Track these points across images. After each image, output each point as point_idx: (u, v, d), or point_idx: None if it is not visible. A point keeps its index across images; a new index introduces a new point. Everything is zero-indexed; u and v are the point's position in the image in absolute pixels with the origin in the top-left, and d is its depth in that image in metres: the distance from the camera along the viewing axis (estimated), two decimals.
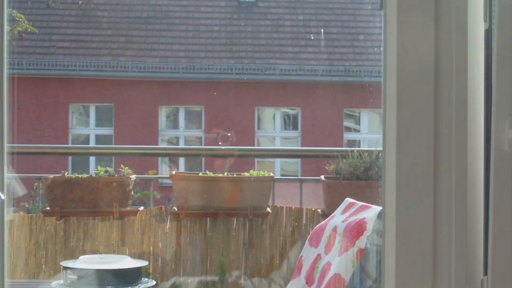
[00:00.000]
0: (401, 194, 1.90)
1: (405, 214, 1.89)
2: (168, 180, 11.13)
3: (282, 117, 14.10)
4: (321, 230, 3.74)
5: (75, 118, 14.05)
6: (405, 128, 1.89)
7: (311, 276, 3.64)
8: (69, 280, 4.02)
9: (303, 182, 5.99)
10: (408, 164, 1.89)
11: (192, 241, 5.41)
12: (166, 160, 12.69)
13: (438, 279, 1.89)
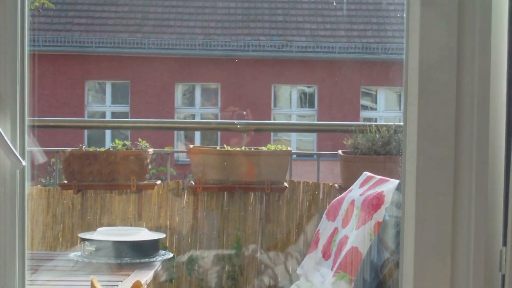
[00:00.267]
0: (421, 165, 1.89)
1: (425, 186, 1.88)
2: (184, 158, 11.15)
3: (298, 95, 14.08)
4: (339, 203, 3.73)
5: (91, 96, 14.08)
6: (426, 100, 1.88)
7: (328, 250, 3.64)
8: (86, 252, 4.04)
9: (320, 159, 5.98)
10: (429, 135, 1.88)
11: (208, 215, 5.41)
12: (182, 138, 12.71)
13: (457, 251, 1.88)
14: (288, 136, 12.46)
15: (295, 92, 13.95)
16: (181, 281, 5.26)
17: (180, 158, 11.86)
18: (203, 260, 5.33)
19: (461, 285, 1.89)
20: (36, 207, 5.31)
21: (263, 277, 5.24)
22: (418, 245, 1.89)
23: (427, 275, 1.89)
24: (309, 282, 3.72)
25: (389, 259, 2.65)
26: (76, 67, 13.54)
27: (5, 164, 1.94)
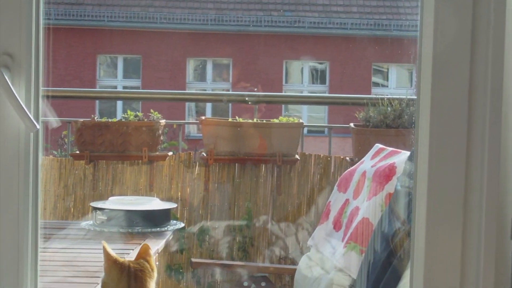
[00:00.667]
0: (434, 136, 1.89)
1: (437, 156, 1.88)
2: (195, 133, 11.17)
3: (310, 71, 14.05)
4: (350, 175, 3.73)
5: (102, 70, 14.08)
6: (440, 73, 1.87)
7: (339, 221, 3.65)
8: (98, 221, 4.05)
9: (332, 135, 5.97)
10: (442, 107, 1.88)
11: (220, 187, 5.42)
12: (193, 113, 12.72)
13: (468, 219, 1.88)
14: (299, 112, 12.45)
15: (306, 68, 13.93)
16: (192, 252, 5.28)
17: (191, 133, 11.87)
18: (214, 231, 5.35)
19: (473, 253, 1.89)
20: (48, 177, 5.33)
21: (274, 248, 5.26)
22: (430, 214, 1.90)
23: (439, 243, 1.89)
24: (319, 253, 3.73)
25: (400, 229, 2.65)
26: (88, 41, 13.54)
27: (19, 127, 1.94)
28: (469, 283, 1.90)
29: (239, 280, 3.97)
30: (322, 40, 13.46)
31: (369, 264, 2.85)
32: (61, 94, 5.84)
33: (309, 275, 3.65)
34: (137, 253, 1.89)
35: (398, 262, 2.62)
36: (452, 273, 1.90)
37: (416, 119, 1.96)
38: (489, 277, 1.88)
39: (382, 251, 2.74)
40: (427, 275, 1.91)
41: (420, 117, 1.92)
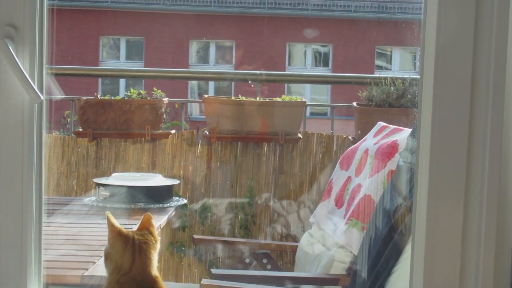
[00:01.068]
0: (436, 112, 1.89)
1: (440, 132, 1.89)
2: (198, 115, 11.16)
3: (313, 54, 14.02)
4: (353, 153, 3.74)
5: (105, 52, 14.07)
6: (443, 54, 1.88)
7: (341, 199, 3.66)
8: (101, 197, 4.06)
9: (334, 118, 5.96)
10: (445, 84, 1.88)
11: (222, 165, 5.43)
12: (196, 95, 12.72)
13: (470, 193, 1.89)
14: (302, 95, 12.43)
15: (310, 51, 13.90)
16: (194, 230, 5.30)
17: (194, 114, 11.86)
18: (216, 209, 5.36)
19: (474, 225, 1.90)
20: (51, 155, 5.34)
21: (276, 225, 5.28)
22: (432, 190, 1.90)
23: (440, 218, 1.90)
24: (321, 230, 3.74)
25: (401, 204, 2.66)
26: (91, 23, 13.51)
27: (23, 98, 1.95)
28: (470, 257, 1.91)
29: (240, 256, 3.98)
30: (325, 23, 13.43)
31: (370, 239, 2.86)
32: (64, 72, 5.84)
33: (310, 252, 3.67)
34: (140, 223, 1.89)
35: (399, 237, 2.63)
36: (453, 248, 1.91)
37: (419, 97, 1.97)
38: (489, 251, 1.89)
39: (384, 227, 2.75)
40: (428, 250, 1.92)
41: (423, 94, 1.93)
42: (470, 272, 1.91)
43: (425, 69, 1.92)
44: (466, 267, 1.92)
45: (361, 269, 2.92)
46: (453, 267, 1.91)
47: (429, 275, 1.92)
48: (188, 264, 5.29)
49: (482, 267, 1.89)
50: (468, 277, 1.92)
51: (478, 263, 1.90)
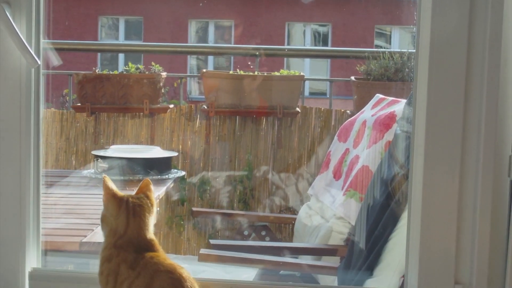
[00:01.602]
0: (432, 77, 1.89)
1: (436, 97, 1.89)
2: (197, 94, 11.14)
3: (312, 33, 13.98)
4: (351, 125, 3.74)
5: (104, 32, 14.02)
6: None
7: (339, 170, 3.66)
8: (100, 169, 4.07)
9: (333, 97, 5.96)
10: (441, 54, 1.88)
11: (221, 140, 5.43)
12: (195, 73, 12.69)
13: (466, 157, 1.90)
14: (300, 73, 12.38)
15: (308, 31, 13.86)
16: (193, 204, 5.30)
17: (193, 94, 11.85)
18: (214, 183, 5.36)
19: (470, 191, 1.91)
20: (49, 130, 5.34)
21: (274, 198, 5.28)
22: (428, 153, 1.91)
23: (436, 184, 1.91)
24: (319, 202, 3.75)
25: (398, 172, 2.67)
26: (90, 2, 13.46)
27: (20, 63, 1.95)
28: (466, 222, 1.92)
29: (239, 229, 3.99)
30: (324, 2, 13.39)
31: (368, 208, 2.86)
32: (62, 47, 5.83)
33: (308, 223, 3.68)
34: (138, 188, 1.90)
35: (396, 205, 2.64)
36: (449, 213, 1.92)
37: (415, 67, 1.98)
38: (486, 216, 1.90)
39: (381, 195, 2.75)
40: (424, 217, 1.93)
41: (419, 64, 1.93)
42: (467, 238, 1.92)
43: (421, 37, 1.92)
44: (462, 233, 1.93)
45: (358, 238, 2.93)
46: (450, 233, 1.92)
47: (425, 241, 1.93)
48: (187, 238, 5.31)
49: (478, 233, 1.90)
50: (464, 243, 1.93)
51: (474, 228, 1.91)
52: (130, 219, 1.80)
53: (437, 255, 1.93)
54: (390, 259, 2.56)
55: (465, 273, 1.93)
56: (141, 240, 1.79)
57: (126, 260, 1.76)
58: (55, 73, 5.75)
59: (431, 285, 1.94)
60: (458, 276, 1.94)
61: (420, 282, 1.94)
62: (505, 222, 1.91)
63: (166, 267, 1.75)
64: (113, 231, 1.80)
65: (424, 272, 1.94)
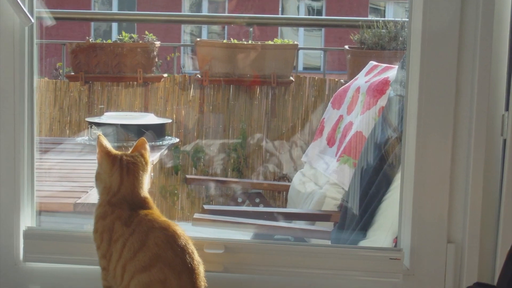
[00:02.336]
0: (425, 38, 1.90)
1: (429, 58, 1.90)
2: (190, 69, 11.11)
3: (306, 8, 13.94)
4: (344, 92, 3.74)
5: (97, 6, 13.95)
6: None
7: (333, 137, 3.67)
8: (93, 136, 4.07)
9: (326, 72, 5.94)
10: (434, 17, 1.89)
11: (214, 109, 5.43)
12: (189, 51, 12.64)
13: (459, 116, 1.90)
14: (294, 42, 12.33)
15: (302, 6, 13.81)
16: (186, 173, 5.30)
17: (186, 69, 11.81)
18: (208, 151, 5.37)
19: (463, 151, 1.91)
20: (43, 100, 5.33)
21: (268, 165, 5.29)
22: (421, 114, 1.92)
23: (429, 143, 1.92)
24: (313, 169, 3.76)
25: (391, 135, 2.67)
26: None
27: (13, 21, 1.95)
28: (459, 182, 1.93)
29: (233, 196, 4.00)
30: None
31: (361, 171, 2.87)
32: (56, 16, 5.79)
33: (302, 190, 3.69)
34: (133, 147, 1.90)
35: (389, 167, 2.64)
36: (442, 173, 1.93)
37: (408, 31, 1.98)
38: (478, 175, 1.91)
39: (374, 158, 2.76)
40: (417, 176, 1.94)
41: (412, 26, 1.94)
42: (459, 198, 1.94)
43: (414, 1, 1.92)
44: (455, 193, 1.94)
45: (352, 202, 2.94)
46: (442, 194, 1.93)
47: (418, 201, 1.94)
48: (181, 207, 5.31)
49: (471, 193, 1.92)
50: (457, 203, 1.94)
51: (467, 188, 1.92)
52: (123, 176, 1.80)
53: (430, 215, 1.94)
54: (384, 220, 2.57)
55: (458, 232, 1.95)
56: (135, 197, 1.80)
57: (120, 218, 1.76)
58: (49, 42, 5.73)
59: (424, 245, 1.95)
60: (450, 235, 1.95)
61: (413, 242, 1.96)
62: (497, 181, 1.91)
63: (161, 224, 1.76)
64: (107, 188, 1.80)
65: (417, 232, 1.95)
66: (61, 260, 1.97)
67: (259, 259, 1.95)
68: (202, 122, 5.43)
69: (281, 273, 1.96)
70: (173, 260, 1.70)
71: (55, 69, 7.07)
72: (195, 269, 1.72)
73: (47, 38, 5.89)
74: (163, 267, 1.69)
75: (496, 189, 1.92)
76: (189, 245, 1.74)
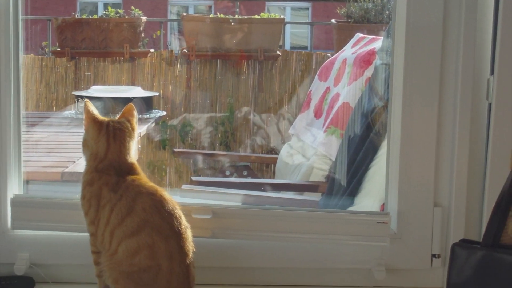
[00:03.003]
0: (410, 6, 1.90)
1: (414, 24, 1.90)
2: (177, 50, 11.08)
3: None
4: (331, 64, 3.74)
5: None
6: None
7: (320, 109, 3.67)
8: (80, 109, 4.06)
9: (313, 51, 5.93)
10: None
11: (201, 84, 5.42)
12: (175, 31, 12.60)
13: (445, 80, 1.91)
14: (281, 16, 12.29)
15: None
16: (174, 147, 5.30)
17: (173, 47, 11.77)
18: (196, 124, 5.36)
19: (449, 115, 1.92)
20: (29, 76, 5.31)
21: (256, 138, 5.29)
22: (407, 79, 1.92)
23: (415, 107, 1.92)
24: (300, 142, 3.76)
25: (378, 104, 2.68)
26: None
27: None
28: (445, 146, 1.94)
29: (221, 169, 4.01)
30: None
31: (348, 140, 2.88)
32: None
33: (290, 162, 3.70)
34: (121, 113, 1.90)
35: (375, 135, 2.65)
36: (428, 138, 1.93)
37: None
38: (464, 140, 1.92)
39: (361, 127, 2.77)
40: (404, 141, 1.95)
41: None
42: (446, 162, 1.95)
43: None
44: (441, 158, 1.95)
45: (339, 171, 2.95)
46: (429, 158, 1.94)
47: (405, 166, 1.95)
48: (169, 182, 5.31)
49: (457, 157, 1.93)
50: (443, 167, 1.95)
51: (453, 152, 1.93)
52: (110, 142, 1.80)
53: (416, 179, 1.95)
54: (371, 187, 2.59)
55: (444, 195, 1.96)
56: (122, 163, 1.79)
57: (108, 184, 1.76)
58: (34, 18, 5.70)
59: (411, 209, 1.96)
60: (437, 199, 1.96)
61: (400, 206, 1.97)
62: (483, 145, 1.92)
63: (148, 189, 1.75)
64: (94, 155, 1.80)
65: (404, 196, 1.96)
66: (49, 227, 1.97)
67: (247, 224, 1.96)
68: (189, 97, 5.42)
69: (269, 238, 1.96)
70: (161, 225, 1.70)
71: (41, 47, 7.04)
72: (183, 233, 1.73)
73: (33, 15, 5.87)
74: (150, 231, 1.69)
75: (481, 153, 1.93)
76: (176, 210, 1.75)
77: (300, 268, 1.99)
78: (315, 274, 2.00)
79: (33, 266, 1.95)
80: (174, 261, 1.70)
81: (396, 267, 1.98)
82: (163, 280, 1.69)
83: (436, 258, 1.97)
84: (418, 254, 1.97)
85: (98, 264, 1.78)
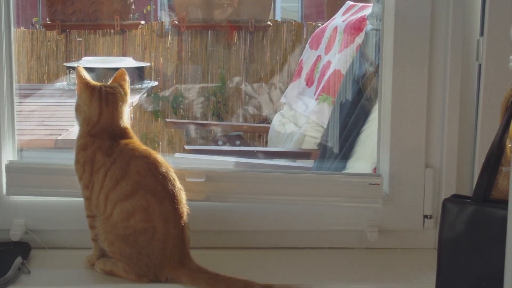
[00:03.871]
0: None
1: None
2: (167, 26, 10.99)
3: None
4: (322, 32, 3.74)
5: None
6: None
7: (311, 78, 3.67)
8: (72, 80, 4.04)
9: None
10: None
11: (193, 55, 5.40)
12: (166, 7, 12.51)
13: (435, 42, 1.91)
14: None
15: None
16: (167, 118, 5.28)
17: None
18: (188, 95, 5.34)
19: (439, 77, 1.93)
20: (20, 50, 5.27)
21: (248, 108, 5.28)
22: (397, 44, 1.93)
23: (406, 70, 1.93)
24: (292, 110, 3.77)
25: (368, 69, 2.69)
26: None
27: None
28: (436, 108, 1.95)
29: (213, 138, 4.01)
30: None
31: (340, 106, 2.89)
32: None
33: (282, 131, 3.70)
34: (113, 78, 1.90)
35: (366, 101, 2.66)
36: (419, 100, 1.94)
37: None
38: (455, 101, 1.93)
39: (352, 93, 2.78)
40: (395, 103, 1.95)
41: None
42: (436, 124, 1.96)
43: None
44: (432, 119, 1.96)
45: (331, 137, 2.96)
46: (419, 120, 1.95)
47: (396, 127, 1.96)
48: (162, 154, 5.30)
49: (447, 118, 1.94)
50: (434, 128, 1.96)
51: (444, 114, 1.94)
52: (103, 107, 1.80)
53: (408, 141, 1.96)
54: (363, 151, 2.60)
55: (436, 157, 1.97)
56: (115, 127, 1.80)
57: (101, 148, 1.76)
58: None
59: (402, 170, 1.97)
60: (428, 160, 1.97)
61: (392, 168, 1.98)
62: (473, 106, 1.93)
63: (142, 152, 1.76)
64: (87, 119, 1.80)
65: (396, 158, 1.97)
66: (44, 193, 1.97)
67: (241, 187, 1.96)
68: (180, 68, 5.40)
69: (262, 201, 1.97)
70: (155, 187, 1.71)
71: (32, 24, 7.01)
72: (177, 195, 1.74)
73: None
74: (145, 194, 1.70)
75: (472, 114, 1.93)
76: (170, 172, 1.76)
77: (293, 230, 2.00)
78: (309, 236, 2.01)
79: (29, 232, 1.96)
80: (169, 223, 1.71)
81: (388, 228, 1.99)
82: (158, 242, 1.70)
83: (428, 219, 1.98)
84: (410, 215, 1.99)
85: (93, 228, 1.79)
